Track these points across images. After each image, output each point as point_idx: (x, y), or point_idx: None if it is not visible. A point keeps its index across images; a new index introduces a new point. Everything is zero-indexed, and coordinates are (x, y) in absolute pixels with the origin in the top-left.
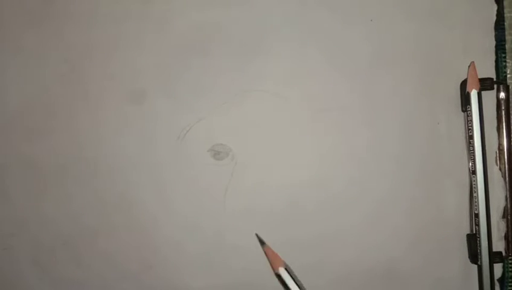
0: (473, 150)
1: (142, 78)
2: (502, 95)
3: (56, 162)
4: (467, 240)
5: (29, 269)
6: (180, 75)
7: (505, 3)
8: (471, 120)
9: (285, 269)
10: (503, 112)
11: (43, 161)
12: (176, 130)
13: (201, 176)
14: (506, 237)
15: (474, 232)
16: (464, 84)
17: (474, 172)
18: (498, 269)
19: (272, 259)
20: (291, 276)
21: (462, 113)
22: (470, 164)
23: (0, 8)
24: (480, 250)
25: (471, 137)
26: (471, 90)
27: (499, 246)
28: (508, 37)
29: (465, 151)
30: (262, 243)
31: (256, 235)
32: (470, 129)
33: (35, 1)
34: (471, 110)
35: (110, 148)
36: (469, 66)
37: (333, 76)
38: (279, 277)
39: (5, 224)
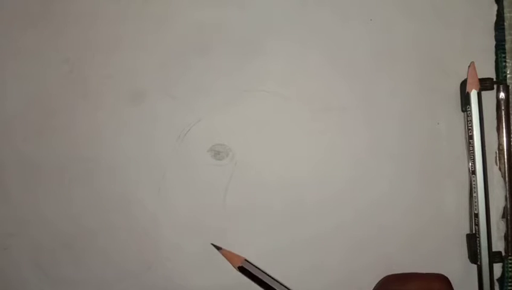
0: (473, 150)
1: (142, 78)
2: (502, 95)
3: (56, 162)
4: (467, 240)
5: (29, 269)
6: (180, 75)
7: (505, 3)
8: (471, 120)
9: (246, 261)
10: (503, 112)
11: (43, 161)
12: (176, 130)
13: (201, 176)
14: (505, 237)
15: (473, 232)
16: (464, 84)
17: (474, 172)
18: (498, 268)
19: (231, 259)
20: (254, 266)
21: (462, 113)
22: (470, 164)
23: (0, 8)
24: (479, 250)
25: (471, 137)
26: (471, 90)
27: (499, 246)
28: (508, 37)
29: (465, 151)
30: (218, 248)
31: (212, 244)
32: (469, 129)
33: (35, 1)
34: (471, 110)
35: (110, 148)
36: (469, 66)
37: (333, 76)
38: (243, 270)
39: (5, 224)
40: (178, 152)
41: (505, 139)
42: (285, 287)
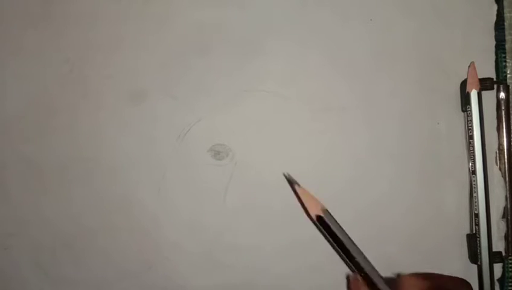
0: (473, 150)
1: (142, 78)
2: (502, 95)
3: (56, 162)
4: (467, 240)
5: (29, 269)
6: (180, 75)
7: (505, 3)
8: (471, 120)
9: (327, 211)
10: (503, 112)
11: (43, 161)
12: (176, 130)
13: (201, 176)
14: (506, 237)
15: (474, 232)
16: (464, 84)
17: (474, 172)
18: (498, 269)
19: (309, 202)
20: (334, 219)
21: (462, 113)
22: (470, 164)
23: (0, 8)
24: (480, 250)
25: (471, 137)
26: (471, 90)
27: (499, 246)
28: (508, 37)
29: (465, 151)
30: (293, 183)
31: (284, 175)
32: (470, 129)
33: (35, 1)
34: (471, 110)
35: (110, 148)
36: (469, 66)
37: (333, 76)
38: (320, 220)
39: (5, 224)
40: (178, 152)
41: (505, 139)
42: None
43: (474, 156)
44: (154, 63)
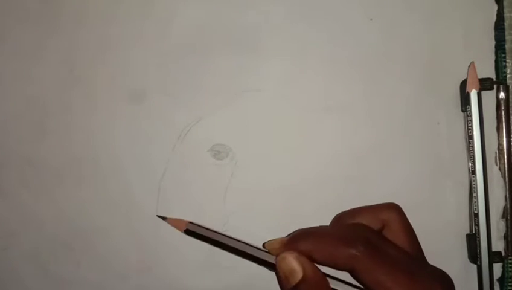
0: (473, 150)
1: (142, 78)
2: (502, 95)
3: (55, 162)
4: (467, 240)
5: (29, 269)
6: (180, 75)
7: (505, 3)
8: (471, 120)
9: (190, 223)
10: (502, 112)
11: (43, 160)
12: (176, 130)
13: (201, 176)
14: (505, 237)
15: (473, 232)
16: (463, 84)
17: (473, 172)
18: (497, 268)
19: (176, 225)
20: (200, 227)
21: (462, 113)
22: (470, 164)
23: (0, 8)
24: (479, 250)
25: (470, 137)
26: (471, 90)
27: (499, 246)
28: (508, 37)
29: (465, 151)
30: (163, 218)
31: (158, 216)
32: (469, 129)
33: (34, 1)
34: (471, 110)
35: (110, 148)
36: (469, 66)
37: (333, 76)
38: (188, 233)
39: (4, 224)
40: (178, 152)
41: (505, 139)
42: (236, 240)
43: (473, 156)
44: (154, 63)
